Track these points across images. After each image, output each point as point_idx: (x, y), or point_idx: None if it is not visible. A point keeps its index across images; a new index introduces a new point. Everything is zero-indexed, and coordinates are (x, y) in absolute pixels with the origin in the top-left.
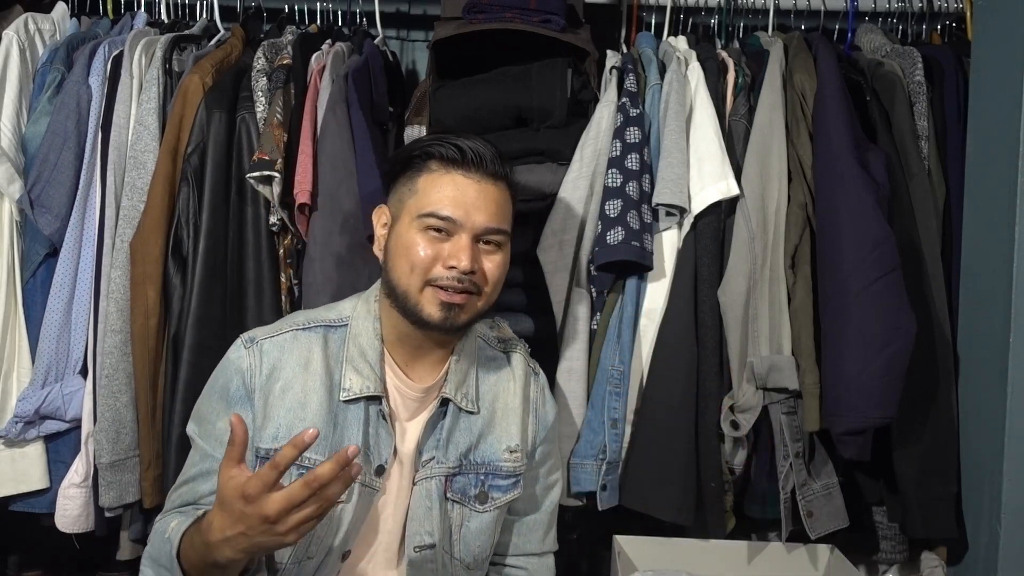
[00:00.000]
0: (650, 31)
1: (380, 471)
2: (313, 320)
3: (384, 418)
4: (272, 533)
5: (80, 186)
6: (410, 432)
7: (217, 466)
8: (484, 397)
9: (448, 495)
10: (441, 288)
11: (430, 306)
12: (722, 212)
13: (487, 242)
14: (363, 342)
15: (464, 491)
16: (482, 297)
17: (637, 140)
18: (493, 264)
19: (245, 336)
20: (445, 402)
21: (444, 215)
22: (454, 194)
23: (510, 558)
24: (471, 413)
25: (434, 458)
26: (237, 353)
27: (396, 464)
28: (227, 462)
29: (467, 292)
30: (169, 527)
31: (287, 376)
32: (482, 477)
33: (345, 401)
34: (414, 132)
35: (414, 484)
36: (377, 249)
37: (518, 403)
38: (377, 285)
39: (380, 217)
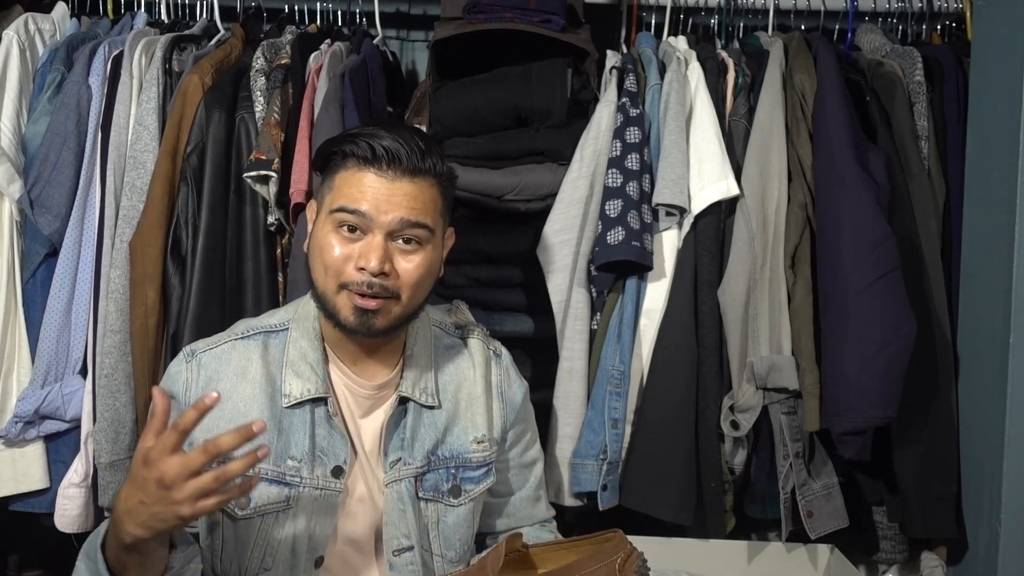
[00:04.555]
0: (650, 31)
1: (338, 472)
2: (253, 328)
3: (332, 419)
4: (168, 501)
5: (80, 186)
6: (367, 430)
7: None
8: (445, 389)
9: (420, 494)
10: (356, 293)
11: (345, 310)
12: (722, 212)
13: (406, 240)
14: (303, 344)
15: (436, 487)
16: (400, 302)
17: (637, 140)
18: (412, 264)
19: (187, 349)
20: (404, 400)
21: (353, 208)
22: (366, 190)
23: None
24: (432, 408)
25: (401, 459)
26: (177, 368)
27: (358, 465)
28: (145, 433)
29: (380, 297)
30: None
31: (224, 387)
32: (453, 471)
33: (288, 407)
34: None
35: (385, 486)
36: (305, 248)
37: (480, 390)
38: None
39: (311, 213)
